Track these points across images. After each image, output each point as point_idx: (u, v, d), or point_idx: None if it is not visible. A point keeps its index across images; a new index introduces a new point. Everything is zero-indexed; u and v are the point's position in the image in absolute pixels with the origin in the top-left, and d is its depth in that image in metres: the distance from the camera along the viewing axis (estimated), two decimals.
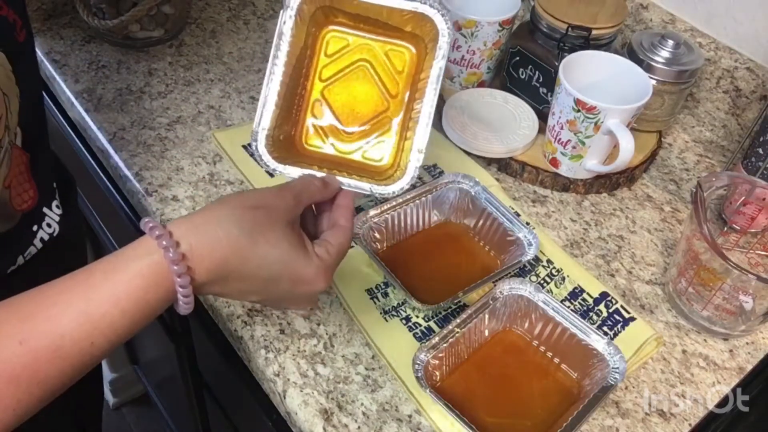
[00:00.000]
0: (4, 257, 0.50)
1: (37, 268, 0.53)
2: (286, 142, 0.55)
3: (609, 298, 0.64)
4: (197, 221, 0.42)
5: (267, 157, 0.53)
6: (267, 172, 0.73)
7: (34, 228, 0.52)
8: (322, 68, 0.57)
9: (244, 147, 0.75)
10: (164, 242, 0.40)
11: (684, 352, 0.62)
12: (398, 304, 0.62)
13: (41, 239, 0.53)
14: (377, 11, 0.55)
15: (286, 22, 0.54)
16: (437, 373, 0.57)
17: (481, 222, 0.68)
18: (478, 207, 0.68)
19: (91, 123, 0.77)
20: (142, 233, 0.41)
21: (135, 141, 0.75)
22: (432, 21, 0.54)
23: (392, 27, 0.56)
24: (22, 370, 0.37)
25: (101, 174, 0.82)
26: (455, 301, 0.62)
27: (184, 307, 0.42)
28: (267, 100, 0.54)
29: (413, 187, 0.60)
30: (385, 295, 0.63)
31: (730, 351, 0.63)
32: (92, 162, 0.83)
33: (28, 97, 0.49)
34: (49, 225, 0.54)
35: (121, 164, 0.73)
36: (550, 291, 0.65)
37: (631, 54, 0.77)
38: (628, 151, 0.68)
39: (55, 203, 0.55)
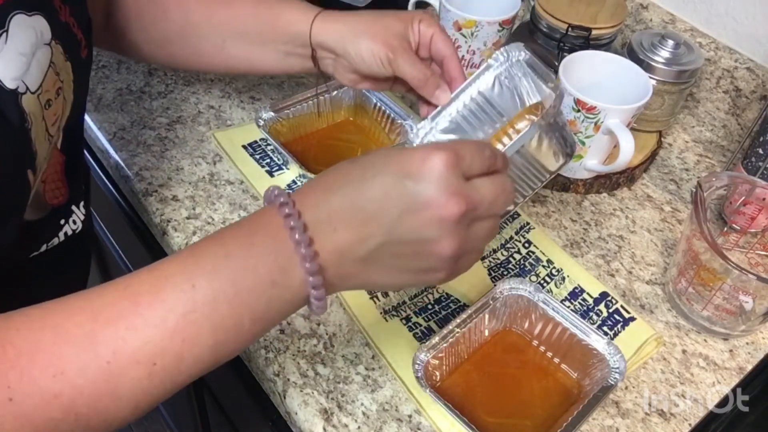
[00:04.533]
0: (33, 243, 0.53)
1: (55, 258, 0.56)
2: None
3: (609, 298, 0.64)
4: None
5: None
6: (267, 171, 0.73)
7: (62, 222, 0.56)
8: None
9: (244, 147, 0.75)
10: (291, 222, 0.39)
11: (684, 352, 0.62)
12: (398, 304, 0.62)
13: (65, 233, 0.56)
14: None
15: None
16: (437, 373, 0.57)
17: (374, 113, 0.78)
18: (370, 102, 0.78)
19: (91, 123, 0.77)
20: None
21: (135, 141, 0.75)
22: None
23: None
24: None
25: (101, 174, 0.82)
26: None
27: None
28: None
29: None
30: (385, 294, 0.63)
31: (730, 351, 0.63)
32: (92, 162, 0.83)
33: (78, 107, 0.54)
34: (74, 222, 0.57)
35: (121, 164, 0.73)
36: (550, 291, 0.65)
37: (631, 54, 0.77)
38: (628, 151, 0.68)
39: (82, 203, 0.59)
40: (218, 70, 0.71)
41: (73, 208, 0.57)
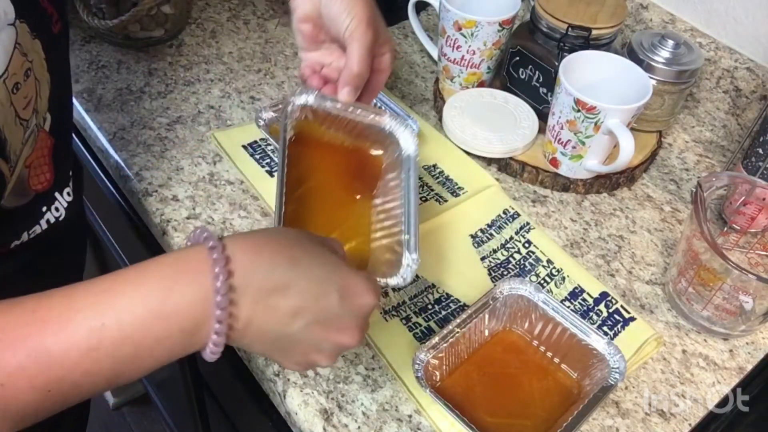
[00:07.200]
0: (12, 231, 0.52)
1: (38, 248, 0.55)
2: None
3: (609, 298, 0.64)
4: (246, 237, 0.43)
5: None
6: (267, 171, 0.73)
7: (44, 209, 0.54)
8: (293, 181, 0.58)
9: (244, 147, 0.75)
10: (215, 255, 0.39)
11: (684, 352, 0.62)
12: (398, 304, 0.62)
13: (47, 221, 0.55)
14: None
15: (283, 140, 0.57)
16: (437, 373, 0.57)
17: None
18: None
19: (91, 123, 0.77)
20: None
21: (135, 141, 0.75)
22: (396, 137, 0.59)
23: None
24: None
25: (101, 174, 0.82)
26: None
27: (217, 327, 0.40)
28: (278, 204, 0.55)
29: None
30: (385, 294, 0.63)
31: (730, 351, 0.63)
32: (92, 162, 0.83)
33: (59, 84, 0.52)
34: (57, 209, 0.56)
35: (121, 164, 0.73)
36: (550, 291, 0.65)
37: (631, 54, 0.78)
38: (628, 151, 0.68)
39: (67, 190, 0.57)
40: None
41: (56, 195, 0.56)
